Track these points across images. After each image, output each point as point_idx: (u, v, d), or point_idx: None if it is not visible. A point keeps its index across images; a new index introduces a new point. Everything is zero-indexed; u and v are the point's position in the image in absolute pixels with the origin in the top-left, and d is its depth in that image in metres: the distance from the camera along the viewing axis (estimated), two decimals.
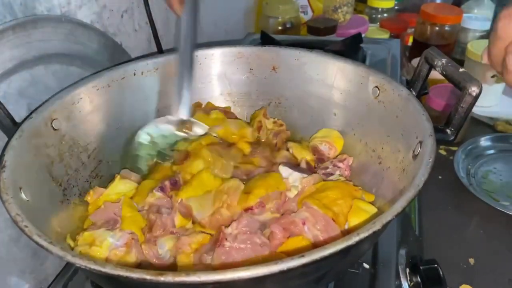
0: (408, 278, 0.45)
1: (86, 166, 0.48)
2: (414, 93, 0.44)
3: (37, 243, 0.30)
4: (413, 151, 0.39)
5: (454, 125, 0.40)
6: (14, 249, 0.48)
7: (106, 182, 0.49)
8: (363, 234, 0.28)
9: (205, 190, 0.44)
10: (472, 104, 0.38)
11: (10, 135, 0.40)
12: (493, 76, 0.92)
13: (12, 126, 0.41)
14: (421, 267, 0.45)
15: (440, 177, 0.75)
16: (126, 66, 0.53)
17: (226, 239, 0.38)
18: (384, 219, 0.29)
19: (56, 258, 0.52)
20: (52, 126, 0.44)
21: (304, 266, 0.26)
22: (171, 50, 0.56)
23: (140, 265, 0.40)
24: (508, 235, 0.64)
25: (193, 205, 0.43)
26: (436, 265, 0.45)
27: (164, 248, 0.41)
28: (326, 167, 0.49)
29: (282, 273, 0.26)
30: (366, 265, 0.44)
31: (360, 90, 0.49)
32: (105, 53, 0.58)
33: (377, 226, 0.29)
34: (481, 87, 0.38)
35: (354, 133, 0.51)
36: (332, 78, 0.52)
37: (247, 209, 0.42)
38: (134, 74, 0.53)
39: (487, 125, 0.89)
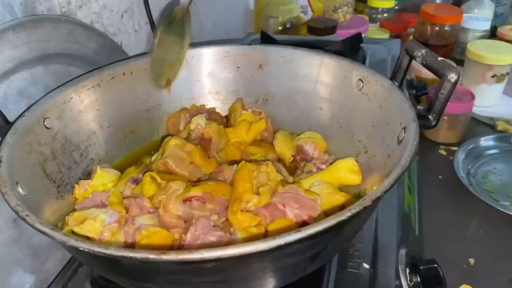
0: (408, 278, 0.45)
1: (79, 164, 0.48)
2: (396, 83, 0.45)
3: (39, 230, 0.30)
4: (398, 137, 0.40)
5: (435, 111, 0.41)
6: (15, 249, 0.48)
7: None
8: (355, 209, 0.29)
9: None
10: (452, 90, 0.39)
11: (2, 134, 0.40)
12: (493, 76, 0.92)
13: (4, 125, 0.42)
14: (421, 267, 0.45)
15: (440, 177, 0.76)
16: (116, 66, 0.53)
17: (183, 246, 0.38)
18: (374, 195, 0.31)
19: (56, 258, 0.53)
20: (45, 125, 0.45)
21: (300, 241, 0.27)
22: None
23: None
24: (508, 235, 0.64)
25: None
26: (436, 265, 0.45)
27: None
28: (310, 170, 0.49)
29: (279, 248, 0.27)
30: (366, 265, 0.44)
31: (344, 83, 0.50)
32: (104, 53, 0.58)
33: (367, 202, 0.30)
34: (459, 73, 0.39)
35: (340, 126, 0.52)
36: (317, 74, 0.53)
37: (185, 200, 0.42)
38: (124, 74, 0.53)
39: (487, 125, 0.89)
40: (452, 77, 0.39)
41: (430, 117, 0.41)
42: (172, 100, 0.58)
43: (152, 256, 0.26)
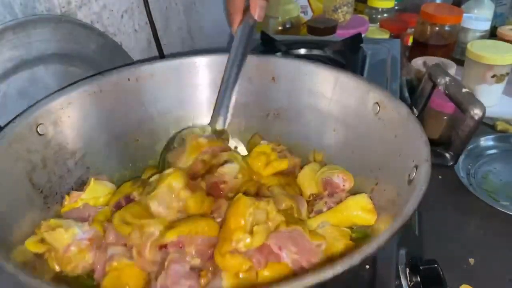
0: (408, 278, 0.45)
1: (72, 173, 0.46)
2: (416, 111, 0.43)
3: None
4: (409, 175, 0.37)
5: (454, 149, 0.38)
6: None
7: None
8: (340, 268, 0.26)
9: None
10: (474, 128, 0.37)
11: None
12: (493, 76, 0.92)
13: None
14: (421, 267, 0.45)
15: (440, 177, 0.75)
16: (120, 71, 0.51)
17: None
18: (364, 253, 0.28)
19: None
20: (37, 131, 0.43)
21: None
22: (171, 55, 0.56)
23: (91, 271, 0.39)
24: (508, 235, 0.64)
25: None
26: (436, 265, 0.44)
27: None
28: (320, 209, 0.45)
29: None
30: (366, 265, 0.44)
31: (360, 105, 0.47)
32: (104, 54, 0.58)
33: (355, 260, 0.27)
34: (485, 110, 0.36)
35: (352, 151, 0.49)
36: (332, 91, 0.50)
37: (161, 247, 0.37)
38: (129, 80, 0.51)
39: (487, 125, 0.89)
40: (476, 113, 0.36)
41: (447, 155, 0.38)
42: (181, 109, 0.55)
43: None
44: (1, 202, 0.36)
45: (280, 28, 1.03)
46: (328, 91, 0.51)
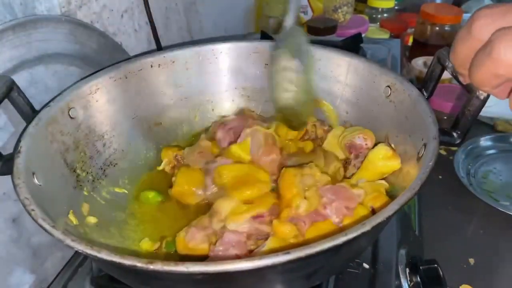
0: (408, 278, 0.45)
1: (101, 154, 0.49)
2: (425, 94, 0.44)
3: (41, 226, 0.31)
4: (418, 153, 0.39)
5: (460, 128, 0.40)
6: (14, 249, 0.48)
7: (120, 170, 0.51)
8: (351, 235, 0.28)
9: None
10: (480, 107, 0.38)
11: (29, 122, 0.41)
12: None
13: (31, 113, 0.42)
14: (421, 267, 0.45)
15: (440, 177, 0.75)
16: (144, 58, 0.54)
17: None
18: (374, 221, 0.29)
19: (56, 258, 0.53)
20: (69, 115, 0.45)
21: (289, 263, 0.27)
22: (190, 42, 0.57)
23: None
24: (508, 235, 0.64)
25: None
26: (436, 265, 0.45)
27: None
28: (352, 174, 0.47)
29: (265, 268, 0.27)
30: (366, 265, 0.44)
31: (372, 88, 0.49)
32: (105, 53, 0.58)
33: (366, 227, 0.29)
34: None
35: None
36: (345, 75, 0.52)
37: (255, 217, 0.41)
38: (151, 66, 0.54)
39: (487, 125, 0.89)
40: (481, 93, 0.37)
41: (454, 134, 0.40)
42: (199, 94, 0.58)
43: (139, 264, 0.27)
44: (40, 176, 0.38)
45: (280, 28, 1.03)
46: (341, 75, 0.53)
